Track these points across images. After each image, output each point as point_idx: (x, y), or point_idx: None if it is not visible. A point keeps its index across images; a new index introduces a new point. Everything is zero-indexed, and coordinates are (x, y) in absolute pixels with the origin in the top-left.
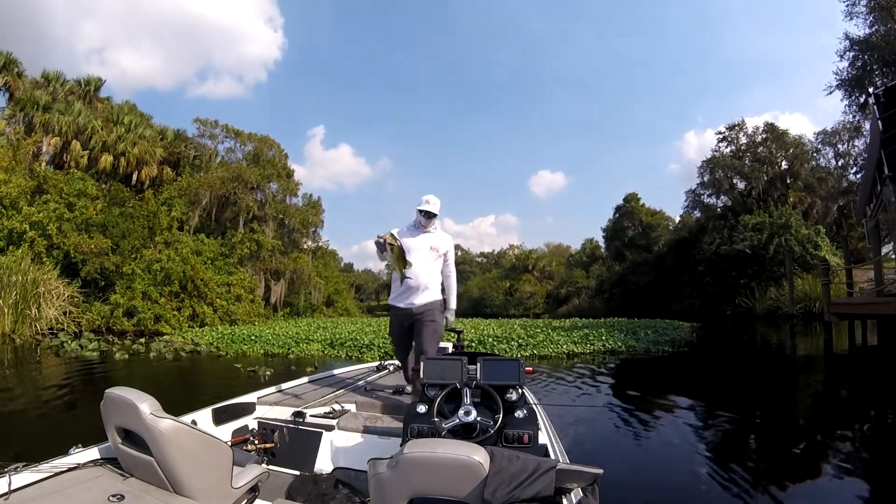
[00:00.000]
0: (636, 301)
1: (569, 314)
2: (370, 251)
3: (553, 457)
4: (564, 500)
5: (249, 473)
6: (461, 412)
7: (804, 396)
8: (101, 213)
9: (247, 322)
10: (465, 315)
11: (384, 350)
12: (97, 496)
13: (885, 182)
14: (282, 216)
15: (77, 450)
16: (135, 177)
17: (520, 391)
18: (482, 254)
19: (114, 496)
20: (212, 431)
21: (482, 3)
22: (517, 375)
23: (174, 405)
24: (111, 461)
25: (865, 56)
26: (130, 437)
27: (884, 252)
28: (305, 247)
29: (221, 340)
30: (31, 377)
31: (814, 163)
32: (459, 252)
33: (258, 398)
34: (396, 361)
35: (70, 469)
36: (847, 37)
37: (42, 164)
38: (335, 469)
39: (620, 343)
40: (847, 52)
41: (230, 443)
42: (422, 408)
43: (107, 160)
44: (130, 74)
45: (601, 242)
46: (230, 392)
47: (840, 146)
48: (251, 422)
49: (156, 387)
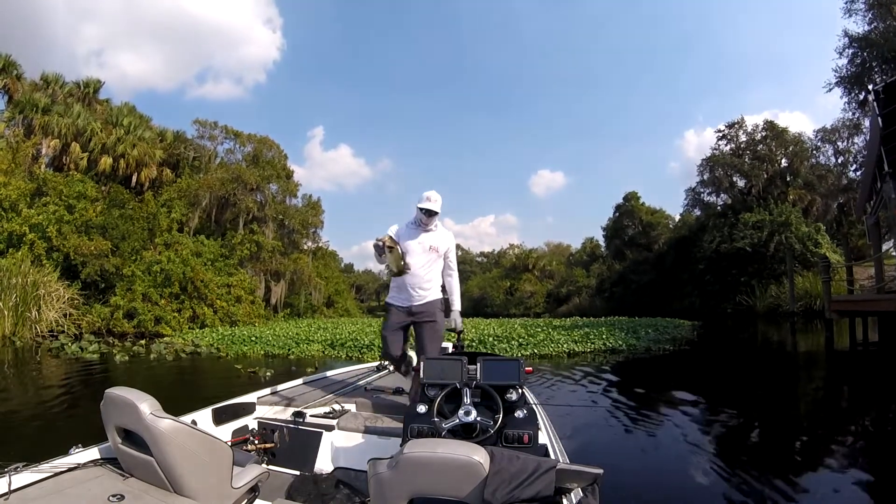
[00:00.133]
0: (637, 300)
1: (569, 313)
2: (370, 252)
3: (553, 457)
4: (564, 500)
5: (249, 473)
6: (461, 412)
7: (805, 394)
8: (101, 215)
9: (247, 323)
10: (466, 315)
11: None
12: (97, 496)
13: (885, 179)
14: (282, 217)
15: (77, 450)
16: (134, 178)
17: (520, 391)
18: (482, 253)
19: (114, 496)
20: (212, 431)
21: (482, 3)
22: (517, 375)
23: (174, 406)
24: (111, 461)
25: (865, 53)
26: (130, 437)
27: (884, 249)
28: (305, 248)
29: (222, 342)
30: (32, 379)
31: (813, 160)
32: (460, 252)
33: (258, 398)
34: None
35: (70, 469)
36: (846, 34)
37: (41, 167)
38: (335, 469)
39: (621, 342)
40: (846, 50)
41: (230, 443)
42: (422, 408)
43: (106, 162)
44: (130, 76)
45: (601, 241)
46: (230, 393)
47: (840, 143)
48: (251, 422)
49: (156, 388)
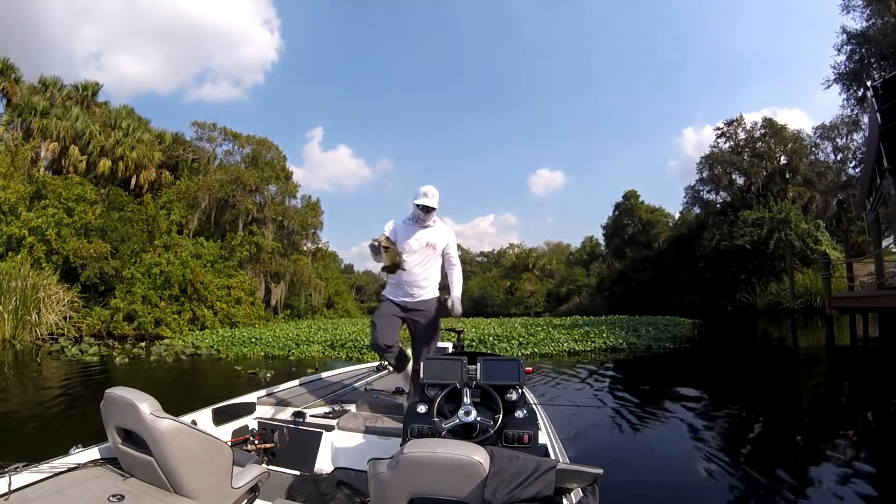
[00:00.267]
0: (637, 298)
1: (569, 312)
2: (369, 252)
3: (553, 457)
4: (564, 500)
5: (249, 473)
6: (461, 412)
7: (806, 391)
8: (100, 218)
9: (247, 324)
10: (466, 315)
11: None
12: (97, 496)
13: (885, 175)
14: (281, 218)
15: (77, 450)
16: (133, 181)
17: (520, 391)
18: (482, 253)
19: (114, 496)
20: (212, 431)
21: (481, 3)
22: (517, 375)
23: (174, 408)
24: (111, 461)
25: (863, 49)
26: (130, 437)
27: (884, 245)
28: (305, 249)
29: (222, 343)
30: (32, 381)
31: (812, 157)
32: (459, 252)
33: (258, 398)
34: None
35: (70, 469)
36: (844, 30)
37: (40, 170)
38: (335, 469)
39: (621, 340)
40: (844, 46)
41: (230, 443)
42: (422, 408)
43: (105, 165)
44: (128, 78)
45: (601, 240)
46: (231, 395)
47: (839, 140)
48: (251, 422)
49: (156, 390)
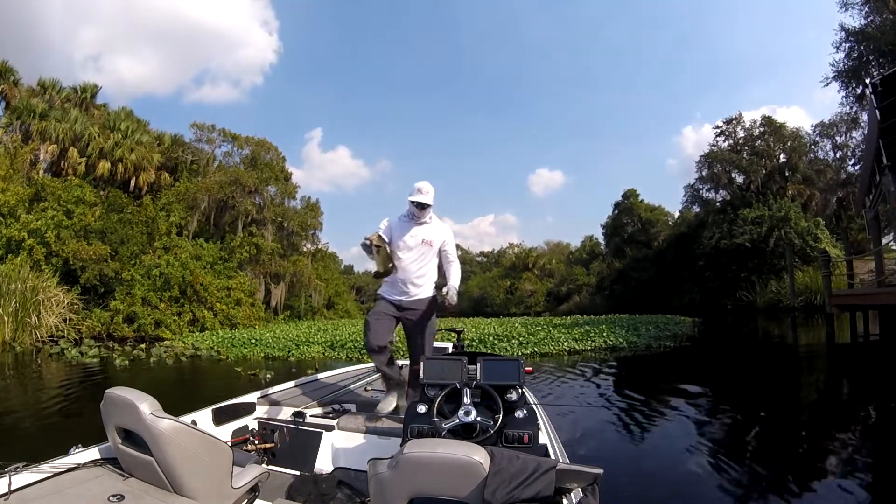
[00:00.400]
0: (637, 297)
1: (570, 311)
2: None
3: (553, 457)
4: (564, 500)
5: (249, 473)
6: (461, 412)
7: (807, 389)
8: (100, 220)
9: (247, 326)
10: (466, 315)
11: None
12: (97, 496)
13: (884, 172)
14: (280, 219)
15: (77, 450)
16: (133, 183)
17: (520, 391)
18: (482, 253)
19: (114, 496)
20: (212, 431)
21: (480, 3)
22: (517, 375)
23: (175, 408)
24: (111, 461)
25: (861, 47)
26: (130, 437)
27: (884, 242)
28: (305, 249)
29: (222, 344)
30: (32, 383)
31: (812, 155)
32: (459, 252)
33: (258, 398)
34: (398, 361)
35: (70, 469)
36: (843, 28)
37: (39, 172)
38: (335, 469)
39: (622, 339)
40: (843, 44)
41: (230, 443)
42: (422, 408)
43: (104, 167)
44: (127, 80)
45: (601, 239)
46: (231, 396)
47: (838, 138)
48: (251, 422)
49: (156, 391)
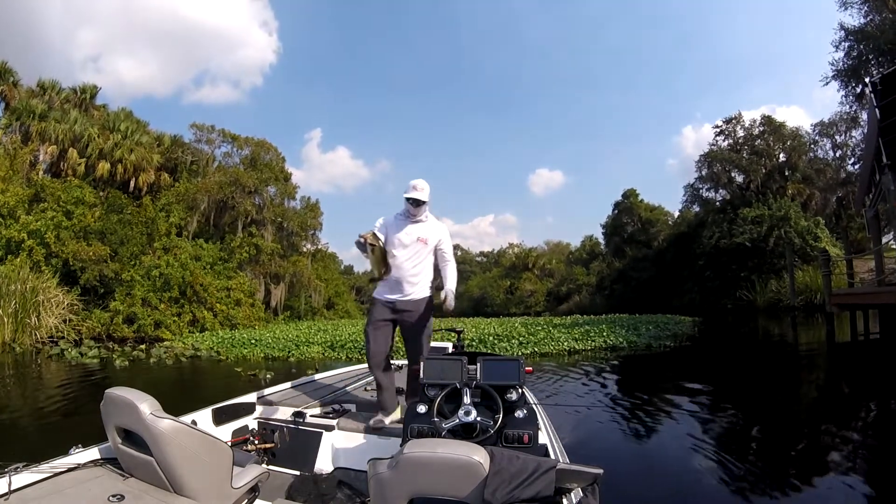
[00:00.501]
0: (637, 297)
1: (570, 311)
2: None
3: (553, 457)
4: (564, 500)
5: (249, 473)
6: (461, 412)
7: (807, 389)
8: (100, 221)
9: (247, 326)
10: (466, 315)
11: None
12: (97, 496)
13: (884, 171)
14: (280, 220)
15: (77, 450)
16: (132, 183)
17: (520, 391)
18: (482, 253)
19: (114, 496)
20: (212, 431)
21: (480, 3)
22: (517, 375)
23: (175, 408)
24: (111, 461)
25: (861, 46)
26: (130, 437)
27: (884, 241)
28: (305, 250)
29: (222, 345)
30: (32, 384)
31: (811, 154)
32: (459, 252)
33: (258, 398)
34: (397, 361)
35: (70, 469)
36: (842, 27)
37: (39, 173)
38: (335, 469)
39: (622, 339)
40: (842, 43)
41: (230, 443)
42: (422, 408)
43: (104, 167)
44: (127, 81)
45: (601, 239)
46: (231, 396)
47: (837, 137)
48: (251, 422)
49: (156, 391)
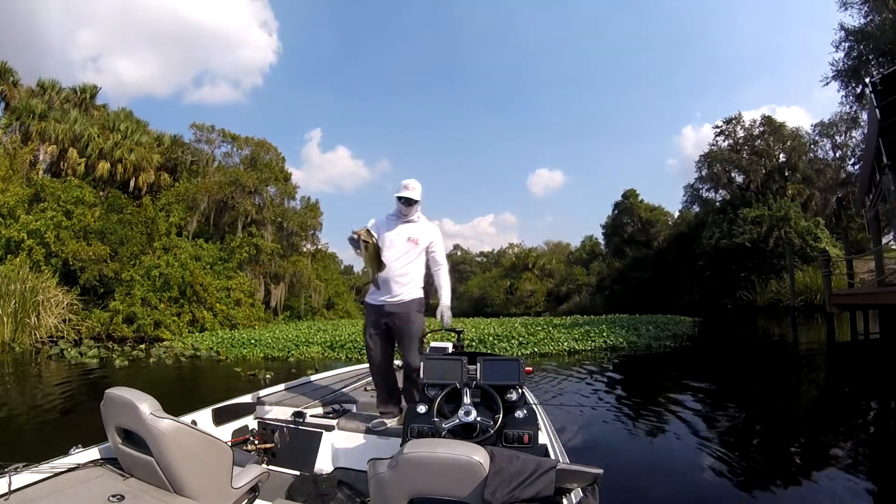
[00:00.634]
0: (637, 297)
1: (570, 311)
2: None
3: (553, 457)
4: (564, 500)
5: (249, 473)
6: (461, 412)
7: (807, 389)
8: (99, 220)
9: (247, 326)
10: (466, 315)
11: None
12: (97, 496)
13: (884, 171)
14: (280, 220)
15: (77, 450)
16: (132, 183)
17: (520, 391)
18: (482, 253)
19: (114, 496)
20: (212, 431)
21: (480, 3)
22: (517, 375)
23: (175, 408)
24: (111, 461)
25: (861, 46)
26: (130, 438)
27: (884, 242)
28: (305, 250)
29: (221, 345)
30: (32, 384)
31: (812, 155)
32: (459, 252)
33: (258, 398)
34: (397, 361)
35: (70, 469)
36: (842, 27)
37: (39, 173)
38: (335, 469)
39: (622, 339)
40: (842, 43)
41: (230, 443)
42: (422, 408)
43: (104, 167)
44: (126, 81)
45: (601, 239)
46: (230, 396)
47: (837, 137)
48: (251, 422)
49: (156, 392)
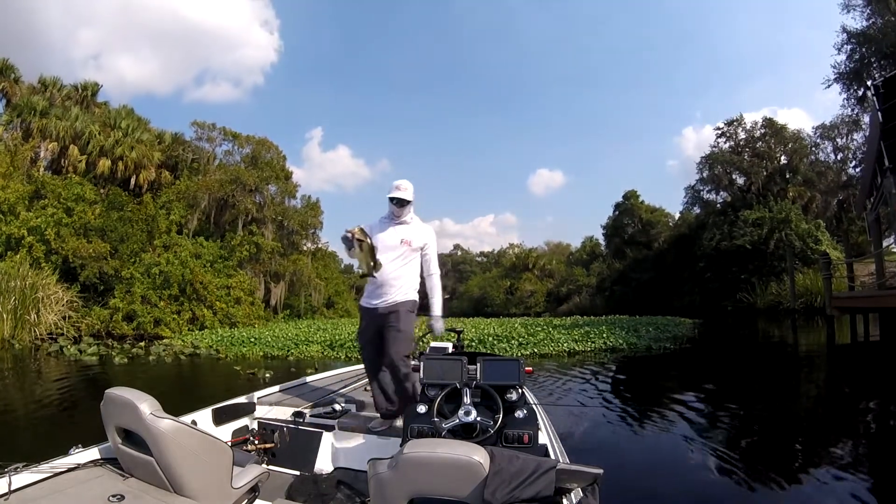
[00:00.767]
0: (637, 298)
1: (570, 312)
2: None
3: (553, 457)
4: (564, 500)
5: (249, 473)
6: (461, 412)
7: (807, 392)
8: (100, 218)
9: (247, 324)
10: (466, 314)
11: None
12: (97, 496)
13: (886, 174)
14: (281, 218)
15: (77, 450)
16: (133, 181)
17: (520, 391)
18: (482, 253)
19: (114, 496)
20: (212, 431)
21: (480, 2)
22: (517, 375)
23: (174, 407)
24: (111, 461)
25: (863, 49)
26: (130, 437)
27: (885, 245)
28: (305, 248)
29: (221, 343)
30: (31, 381)
31: (813, 157)
32: (459, 252)
33: (258, 398)
34: None
35: (70, 469)
36: (844, 30)
37: (40, 170)
38: (335, 469)
39: (622, 341)
40: (844, 46)
41: (230, 443)
42: (422, 408)
43: (105, 164)
44: (128, 80)
45: (601, 240)
46: (229, 395)
47: (839, 140)
48: (251, 422)
49: (155, 390)
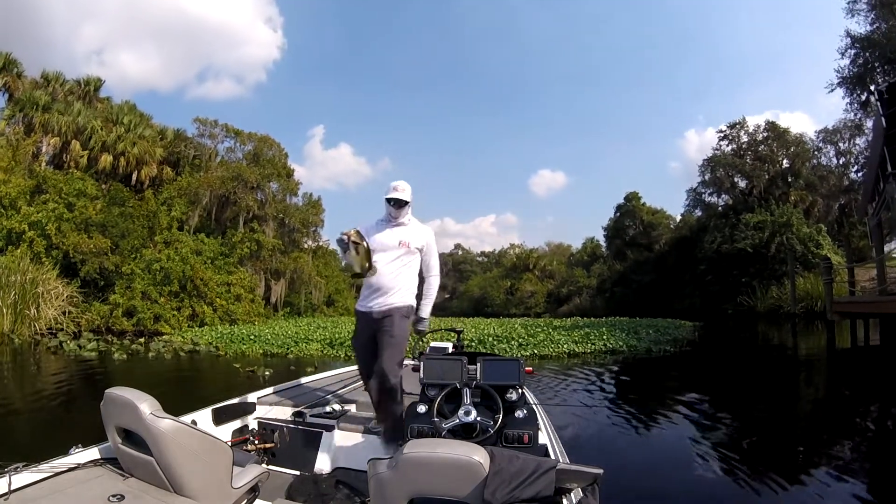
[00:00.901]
0: (637, 300)
1: (570, 313)
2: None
3: (553, 457)
4: (564, 500)
5: (249, 473)
6: (461, 412)
7: (806, 396)
8: (101, 213)
9: (247, 322)
10: (466, 315)
11: None
12: (97, 496)
13: (888, 179)
14: (282, 216)
15: (77, 450)
16: (134, 176)
17: (520, 391)
18: (483, 253)
19: (114, 496)
20: (212, 431)
21: (483, 1)
22: (517, 375)
23: (173, 406)
24: (111, 461)
25: (867, 53)
26: (130, 437)
27: (886, 250)
28: (306, 246)
29: (221, 340)
30: (30, 377)
31: (815, 161)
32: (460, 252)
33: (258, 398)
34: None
35: (70, 469)
36: (848, 34)
37: (41, 164)
38: (335, 469)
39: (622, 342)
40: (848, 50)
41: (230, 443)
42: (422, 408)
43: (106, 160)
44: (130, 75)
45: (602, 241)
46: (229, 393)
47: (841, 144)
48: (251, 422)
49: (154, 387)
